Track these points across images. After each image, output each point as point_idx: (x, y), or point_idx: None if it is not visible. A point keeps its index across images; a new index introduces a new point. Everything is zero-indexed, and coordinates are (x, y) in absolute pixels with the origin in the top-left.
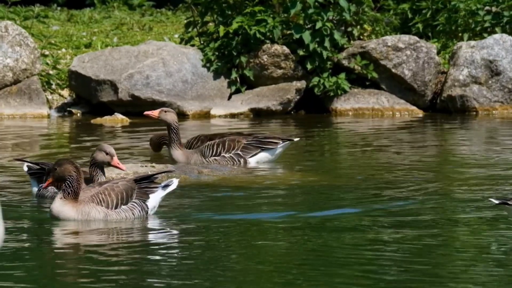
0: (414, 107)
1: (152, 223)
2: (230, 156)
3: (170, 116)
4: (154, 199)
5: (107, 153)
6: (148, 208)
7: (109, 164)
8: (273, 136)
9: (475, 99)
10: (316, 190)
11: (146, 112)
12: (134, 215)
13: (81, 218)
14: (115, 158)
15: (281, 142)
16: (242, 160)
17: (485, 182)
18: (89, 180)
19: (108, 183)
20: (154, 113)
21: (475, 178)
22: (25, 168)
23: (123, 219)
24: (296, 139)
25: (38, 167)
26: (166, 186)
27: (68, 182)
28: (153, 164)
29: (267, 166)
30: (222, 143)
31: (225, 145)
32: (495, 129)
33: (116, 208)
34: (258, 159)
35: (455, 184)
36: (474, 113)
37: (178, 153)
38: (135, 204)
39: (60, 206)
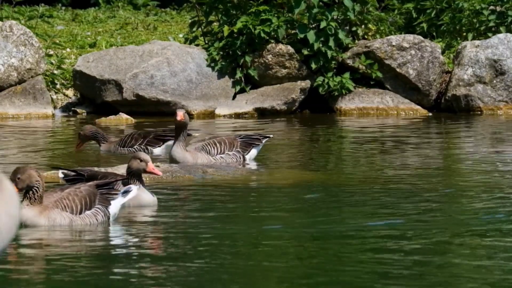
0: (418, 107)
1: (163, 227)
2: (233, 153)
3: (186, 117)
4: (115, 205)
5: (141, 160)
6: (109, 214)
7: (144, 171)
8: (255, 133)
9: (479, 98)
10: (325, 191)
11: (178, 118)
12: (97, 220)
13: (48, 224)
14: (150, 164)
15: (262, 138)
16: (241, 157)
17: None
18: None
19: (70, 188)
20: (182, 117)
21: (489, 183)
22: (61, 175)
23: (87, 225)
24: (271, 136)
25: (74, 173)
26: (126, 192)
27: (36, 188)
28: (158, 164)
29: (271, 165)
30: (223, 142)
31: (227, 143)
32: (500, 128)
33: (80, 213)
34: (250, 156)
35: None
36: (479, 112)
37: (184, 153)
38: (98, 210)
39: (27, 212)
